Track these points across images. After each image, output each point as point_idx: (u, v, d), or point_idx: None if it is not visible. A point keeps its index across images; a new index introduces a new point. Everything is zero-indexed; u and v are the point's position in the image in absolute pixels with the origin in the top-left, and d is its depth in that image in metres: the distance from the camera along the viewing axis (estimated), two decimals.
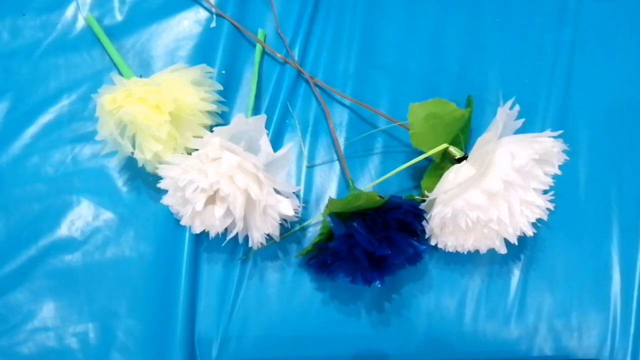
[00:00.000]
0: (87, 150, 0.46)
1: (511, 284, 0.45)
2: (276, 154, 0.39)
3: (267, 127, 0.45)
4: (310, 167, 0.47)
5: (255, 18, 0.51)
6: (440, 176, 0.40)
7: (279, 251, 0.45)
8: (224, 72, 0.48)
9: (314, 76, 0.49)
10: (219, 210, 0.39)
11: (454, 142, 0.42)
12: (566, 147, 0.38)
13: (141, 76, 0.47)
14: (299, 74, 0.49)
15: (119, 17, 0.50)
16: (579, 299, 0.44)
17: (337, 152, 0.47)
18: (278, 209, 0.39)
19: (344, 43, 0.50)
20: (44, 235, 0.44)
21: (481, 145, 0.38)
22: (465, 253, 0.41)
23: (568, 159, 0.38)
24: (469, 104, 0.46)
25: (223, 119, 0.46)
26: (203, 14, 0.51)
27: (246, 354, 0.43)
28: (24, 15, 0.50)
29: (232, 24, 0.50)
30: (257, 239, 0.40)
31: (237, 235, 0.40)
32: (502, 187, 0.36)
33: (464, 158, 0.40)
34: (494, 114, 0.38)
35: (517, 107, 0.38)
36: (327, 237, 0.40)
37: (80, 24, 0.50)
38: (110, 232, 0.45)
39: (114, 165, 0.46)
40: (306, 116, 0.48)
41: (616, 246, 0.45)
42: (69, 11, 0.50)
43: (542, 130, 0.48)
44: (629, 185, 0.47)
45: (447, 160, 0.42)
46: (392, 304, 0.44)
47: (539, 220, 0.40)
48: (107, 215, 0.45)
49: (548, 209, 0.40)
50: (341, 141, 0.47)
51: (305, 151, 0.47)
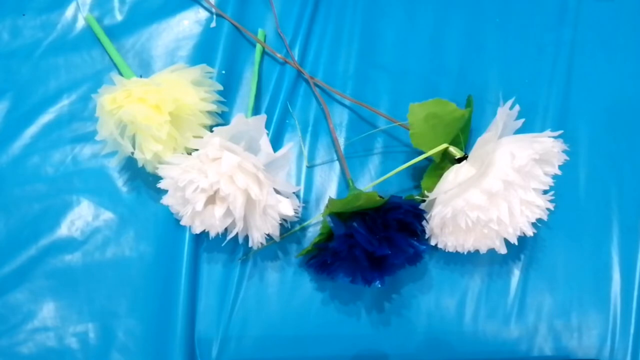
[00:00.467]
0: (87, 150, 0.46)
1: (511, 284, 0.45)
2: (276, 154, 0.39)
3: (267, 127, 0.45)
4: (310, 167, 0.47)
5: (255, 18, 0.51)
6: (440, 176, 0.40)
7: (279, 251, 0.45)
8: (224, 72, 0.48)
9: (314, 76, 0.49)
10: (219, 210, 0.39)
11: (454, 142, 0.42)
12: (566, 147, 0.38)
13: (141, 76, 0.47)
14: (299, 74, 0.49)
15: (119, 17, 0.50)
16: (579, 299, 0.44)
17: (337, 152, 0.47)
18: (278, 209, 0.39)
19: (344, 43, 0.50)
20: (44, 235, 0.44)
21: (481, 145, 0.38)
22: (465, 253, 0.41)
23: (568, 159, 0.38)
24: (469, 104, 0.46)
25: (223, 119, 0.46)
26: (203, 14, 0.51)
27: (246, 354, 0.43)
28: (24, 15, 0.50)
29: (232, 24, 0.50)
30: (257, 239, 0.40)
31: (237, 235, 0.40)
32: (502, 187, 0.36)
33: (464, 158, 0.40)
34: (494, 114, 0.38)
35: (517, 107, 0.38)
36: (327, 237, 0.40)
37: (80, 24, 0.50)
38: (110, 232, 0.45)
39: (114, 165, 0.46)
40: (306, 116, 0.48)
41: (616, 246, 0.45)
42: (69, 11, 0.50)
43: (542, 130, 0.48)
44: (629, 185, 0.47)
45: (447, 160, 0.42)
46: (392, 304, 0.44)
47: (539, 220, 0.40)
48: (107, 215, 0.45)
49: (548, 209, 0.40)
50: (341, 141, 0.47)
51: (305, 151, 0.47)
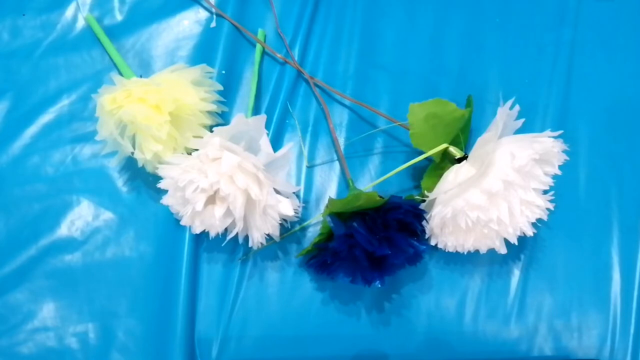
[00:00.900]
0: (87, 150, 0.46)
1: (511, 284, 0.45)
2: (276, 154, 0.39)
3: (267, 127, 0.45)
4: (310, 167, 0.47)
5: (255, 18, 0.51)
6: (440, 176, 0.40)
7: (279, 251, 0.45)
8: (224, 72, 0.48)
9: (314, 76, 0.49)
10: (219, 210, 0.39)
11: (454, 142, 0.42)
12: (566, 147, 0.38)
13: (141, 76, 0.47)
14: (299, 74, 0.49)
15: (119, 17, 0.50)
16: (579, 299, 0.44)
17: (337, 152, 0.47)
18: (278, 209, 0.39)
19: (344, 43, 0.50)
20: (44, 235, 0.44)
21: (481, 145, 0.38)
22: (465, 253, 0.41)
23: (568, 159, 0.38)
24: (469, 104, 0.46)
25: (223, 119, 0.46)
26: (203, 14, 0.51)
27: (246, 354, 0.43)
28: (24, 15, 0.50)
29: (232, 24, 0.50)
30: (257, 239, 0.40)
31: (237, 235, 0.40)
32: (502, 187, 0.36)
33: (464, 158, 0.40)
34: (494, 114, 0.38)
35: (517, 107, 0.38)
36: (327, 237, 0.40)
37: (80, 24, 0.50)
38: (110, 232, 0.45)
39: (114, 165, 0.46)
40: (306, 116, 0.48)
41: (616, 246, 0.45)
42: (69, 11, 0.50)
43: (542, 130, 0.48)
44: (629, 185, 0.47)
45: (447, 160, 0.42)
46: (392, 304, 0.44)
47: (539, 220, 0.40)
48: (107, 215, 0.45)
49: (548, 209, 0.40)
50: (341, 141, 0.47)
51: (305, 151, 0.47)
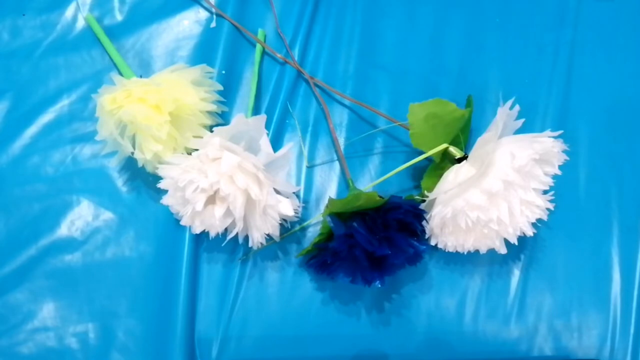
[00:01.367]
0: (87, 150, 0.46)
1: (511, 284, 0.45)
2: (276, 154, 0.39)
3: (267, 127, 0.45)
4: (310, 167, 0.47)
5: (255, 18, 0.51)
6: (440, 176, 0.40)
7: (279, 251, 0.45)
8: (224, 72, 0.48)
9: (314, 76, 0.49)
10: (219, 210, 0.39)
11: (454, 142, 0.42)
12: (566, 147, 0.38)
13: (141, 76, 0.47)
14: (299, 74, 0.49)
15: (119, 17, 0.50)
16: (579, 299, 0.44)
17: (337, 152, 0.47)
18: (278, 209, 0.39)
19: (344, 43, 0.50)
20: (44, 235, 0.44)
21: (481, 145, 0.38)
22: (465, 253, 0.41)
23: (568, 159, 0.38)
24: (469, 104, 0.46)
25: (223, 119, 0.46)
26: (203, 14, 0.51)
27: (246, 354, 0.43)
28: (24, 15, 0.50)
29: (232, 24, 0.50)
30: (257, 239, 0.40)
31: (237, 235, 0.40)
32: (502, 187, 0.36)
33: (464, 158, 0.40)
34: (494, 114, 0.38)
35: (517, 107, 0.38)
36: (327, 237, 0.40)
37: (80, 24, 0.50)
38: (110, 232, 0.45)
39: (114, 165, 0.46)
40: (306, 116, 0.48)
41: (616, 246, 0.45)
42: (69, 11, 0.50)
43: (542, 130, 0.48)
44: (629, 185, 0.47)
45: (447, 160, 0.42)
46: (392, 304, 0.44)
47: (539, 220, 0.40)
48: (107, 215, 0.45)
49: (548, 209, 0.40)
50: (341, 141, 0.47)
51: (305, 151, 0.47)
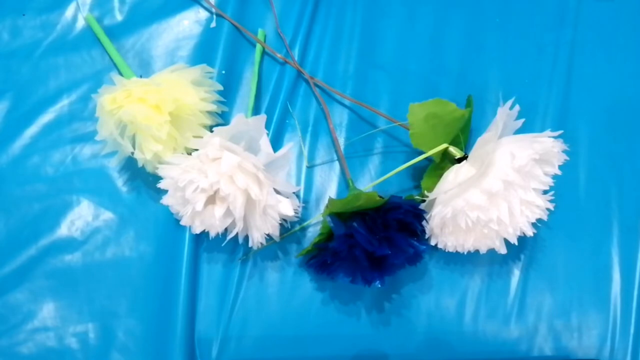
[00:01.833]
0: (87, 150, 0.46)
1: (511, 284, 0.45)
2: (276, 154, 0.39)
3: (267, 127, 0.45)
4: (310, 167, 0.47)
5: (255, 18, 0.51)
6: (440, 176, 0.40)
7: (279, 251, 0.45)
8: (224, 72, 0.48)
9: (314, 76, 0.49)
10: (219, 210, 0.39)
11: (454, 142, 0.42)
12: (566, 147, 0.38)
13: (141, 76, 0.47)
14: (299, 74, 0.49)
15: (119, 17, 0.50)
16: (579, 299, 0.44)
17: (337, 152, 0.47)
18: (278, 209, 0.39)
19: (344, 43, 0.50)
20: (44, 235, 0.44)
21: (481, 145, 0.38)
22: (465, 253, 0.41)
23: (568, 159, 0.38)
24: (469, 104, 0.46)
25: (223, 119, 0.46)
26: (203, 14, 0.51)
27: (246, 354, 0.43)
28: (24, 15, 0.50)
29: (232, 24, 0.50)
30: (257, 239, 0.40)
31: (237, 235, 0.40)
32: (502, 187, 0.36)
33: (464, 158, 0.40)
34: (494, 114, 0.38)
35: (517, 107, 0.38)
36: (327, 237, 0.40)
37: (80, 24, 0.50)
38: (110, 232, 0.45)
39: (114, 165, 0.46)
40: (306, 116, 0.48)
41: (616, 246, 0.45)
42: (69, 11, 0.50)
43: (542, 130, 0.48)
44: (629, 185, 0.47)
45: (447, 160, 0.42)
46: (392, 304, 0.44)
47: (539, 220, 0.40)
48: (107, 215, 0.45)
49: (548, 209, 0.40)
50: (341, 141, 0.47)
51: (305, 151, 0.47)
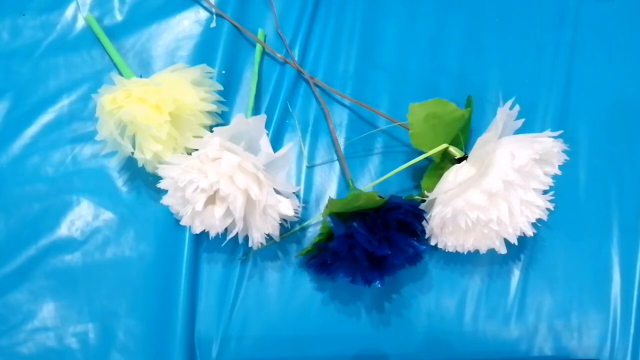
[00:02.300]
0: (87, 150, 0.46)
1: (511, 284, 0.45)
2: (276, 154, 0.39)
3: (267, 127, 0.45)
4: (310, 167, 0.47)
5: (255, 18, 0.51)
6: (440, 176, 0.40)
7: (279, 251, 0.45)
8: (224, 72, 0.48)
9: (314, 76, 0.49)
10: (219, 210, 0.39)
11: (454, 142, 0.42)
12: (566, 147, 0.38)
13: (141, 76, 0.47)
14: (299, 74, 0.49)
15: (119, 17, 0.50)
16: (579, 299, 0.44)
17: (337, 152, 0.47)
18: (278, 209, 0.39)
19: (344, 43, 0.50)
20: (44, 235, 0.44)
21: (481, 145, 0.38)
22: (465, 253, 0.41)
23: (568, 159, 0.38)
24: (469, 104, 0.46)
25: (223, 119, 0.46)
26: (203, 14, 0.51)
27: (246, 354, 0.43)
28: (24, 15, 0.50)
29: (232, 24, 0.50)
30: (257, 239, 0.40)
31: (237, 235, 0.40)
32: (502, 187, 0.36)
33: (464, 158, 0.40)
34: (494, 114, 0.38)
35: (517, 107, 0.38)
36: (327, 237, 0.40)
37: (80, 24, 0.50)
38: (110, 232, 0.45)
39: (114, 165, 0.46)
40: (306, 116, 0.48)
41: (616, 246, 0.45)
42: (69, 11, 0.50)
43: (542, 130, 0.47)
44: (629, 185, 0.47)
45: (447, 160, 0.42)
46: (392, 304, 0.44)
47: (539, 220, 0.40)
48: (107, 215, 0.45)
49: (548, 209, 0.40)
50: (341, 141, 0.47)
51: (305, 151, 0.47)
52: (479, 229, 0.39)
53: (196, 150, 0.39)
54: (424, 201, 0.41)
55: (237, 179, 0.37)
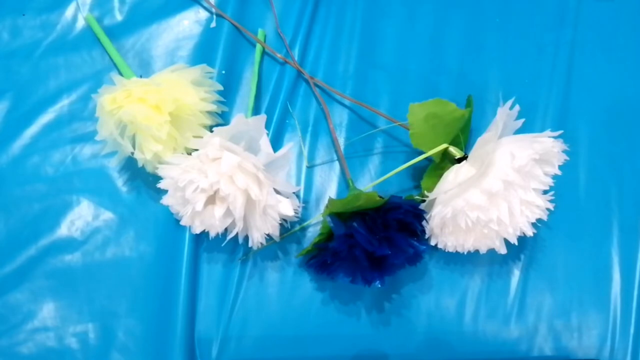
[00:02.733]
0: (87, 150, 0.46)
1: (511, 284, 0.45)
2: (276, 154, 0.39)
3: (267, 127, 0.45)
4: (310, 167, 0.47)
5: (255, 18, 0.51)
6: (440, 176, 0.40)
7: (279, 251, 0.45)
8: (224, 72, 0.48)
9: (314, 76, 0.49)
10: (219, 210, 0.39)
11: (454, 142, 0.42)
12: (566, 147, 0.38)
13: (141, 76, 0.47)
14: (299, 74, 0.49)
15: (119, 17, 0.50)
16: (579, 299, 0.44)
17: (337, 152, 0.47)
18: (278, 209, 0.39)
19: (344, 43, 0.50)
20: (44, 235, 0.44)
21: (481, 145, 0.38)
22: (465, 253, 0.41)
23: (568, 159, 0.38)
24: (469, 104, 0.46)
25: (223, 119, 0.46)
26: (203, 14, 0.51)
27: (246, 354, 0.43)
28: (24, 15, 0.50)
29: (232, 24, 0.50)
30: (257, 239, 0.40)
31: (237, 235, 0.40)
32: (502, 187, 0.36)
33: (464, 158, 0.40)
34: (494, 114, 0.38)
35: (517, 107, 0.38)
36: (327, 237, 0.40)
37: (80, 24, 0.50)
38: (110, 232, 0.45)
39: (114, 165, 0.46)
40: (306, 116, 0.48)
41: (616, 246, 0.45)
42: (69, 11, 0.50)
43: (542, 130, 0.48)
44: (629, 185, 0.47)
45: (447, 160, 0.42)
46: (392, 304, 0.44)
47: (539, 220, 0.40)
48: (107, 215, 0.45)
49: (548, 209, 0.40)
50: (341, 141, 0.47)
51: (305, 151, 0.47)
52: (479, 229, 0.39)
53: (196, 150, 0.39)
54: (424, 201, 0.41)
55: (237, 179, 0.37)
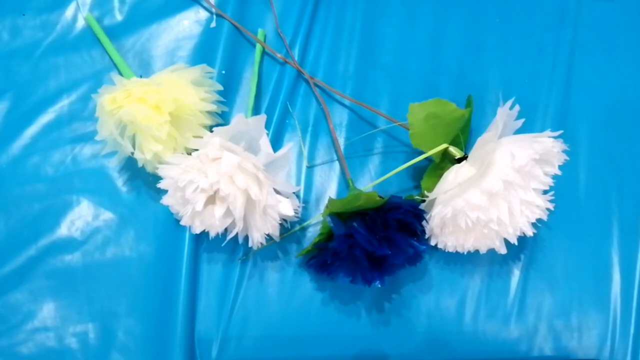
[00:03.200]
0: (87, 150, 0.46)
1: (511, 284, 0.45)
2: (276, 154, 0.39)
3: (267, 127, 0.45)
4: (310, 167, 0.47)
5: (255, 18, 0.51)
6: (440, 176, 0.40)
7: (279, 251, 0.45)
8: (224, 72, 0.48)
9: (314, 76, 0.49)
10: (219, 210, 0.39)
11: (454, 142, 0.42)
12: (566, 147, 0.38)
13: (141, 76, 0.47)
14: (299, 74, 0.49)
15: (119, 17, 0.50)
16: (579, 299, 0.44)
17: (337, 152, 0.47)
18: (278, 209, 0.39)
19: (344, 43, 0.50)
20: (44, 235, 0.44)
21: (481, 145, 0.38)
22: (465, 253, 0.41)
23: (568, 159, 0.38)
24: (469, 104, 0.46)
25: (223, 119, 0.46)
26: (203, 14, 0.51)
27: (246, 354, 0.43)
28: (24, 15, 0.50)
29: (232, 24, 0.50)
30: (257, 239, 0.40)
31: (237, 235, 0.40)
32: (502, 187, 0.36)
33: (464, 158, 0.40)
34: (494, 114, 0.38)
35: (517, 107, 0.38)
36: (327, 237, 0.40)
37: (80, 24, 0.50)
38: (110, 232, 0.45)
39: (114, 165, 0.46)
40: (306, 116, 0.48)
41: (616, 246, 0.45)
42: (69, 11, 0.50)
43: (542, 130, 0.48)
44: (629, 185, 0.47)
45: (447, 160, 0.42)
46: (392, 304, 0.44)
47: (539, 220, 0.40)
48: (107, 215, 0.45)
49: (548, 209, 0.40)
50: (341, 141, 0.47)
51: (305, 151, 0.47)
52: (479, 229, 0.39)
53: (196, 150, 0.39)
54: (424, 201, 0.41)
55: (237, 179, 0.37)
